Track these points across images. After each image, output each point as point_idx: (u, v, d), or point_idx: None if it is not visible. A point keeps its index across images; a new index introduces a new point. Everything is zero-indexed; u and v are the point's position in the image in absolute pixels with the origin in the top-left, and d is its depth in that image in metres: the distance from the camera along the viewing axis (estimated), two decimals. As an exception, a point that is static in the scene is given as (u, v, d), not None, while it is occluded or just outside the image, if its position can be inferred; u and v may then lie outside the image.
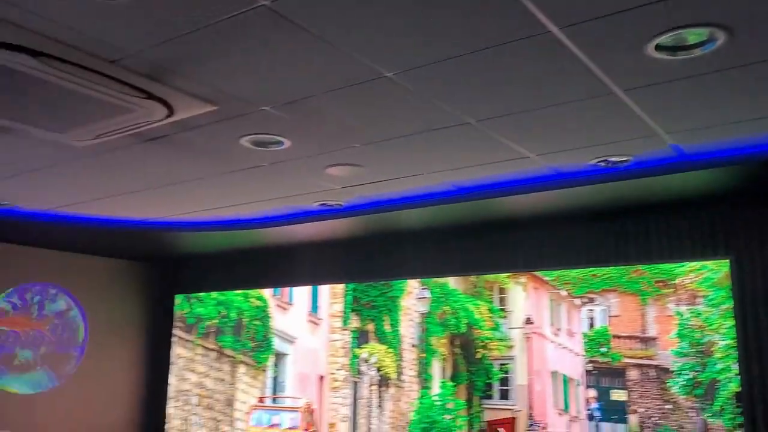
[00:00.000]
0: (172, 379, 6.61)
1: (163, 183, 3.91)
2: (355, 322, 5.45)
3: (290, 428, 5.72)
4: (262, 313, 6.09)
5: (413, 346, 4.97)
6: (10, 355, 5.61)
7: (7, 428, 4.55)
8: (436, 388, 5.41)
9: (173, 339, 6.66)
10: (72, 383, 6.02)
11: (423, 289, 4.96)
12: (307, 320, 5.84)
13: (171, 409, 6.58)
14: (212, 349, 6.33)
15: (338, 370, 5.55)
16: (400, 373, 5.05)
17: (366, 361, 5.44)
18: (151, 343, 6.76)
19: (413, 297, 5.05)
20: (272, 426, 5.81)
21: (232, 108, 2.71)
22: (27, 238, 5.58)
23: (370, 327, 5.18)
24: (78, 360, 6.12)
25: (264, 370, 5.97)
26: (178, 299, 6.73)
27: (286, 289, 6.12)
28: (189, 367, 6.53)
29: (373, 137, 3.09)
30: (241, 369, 6.05)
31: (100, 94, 2.43)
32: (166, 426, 6.52)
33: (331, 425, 5.41)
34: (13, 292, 5.71)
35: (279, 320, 6.04)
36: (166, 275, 6.91)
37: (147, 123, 2.74)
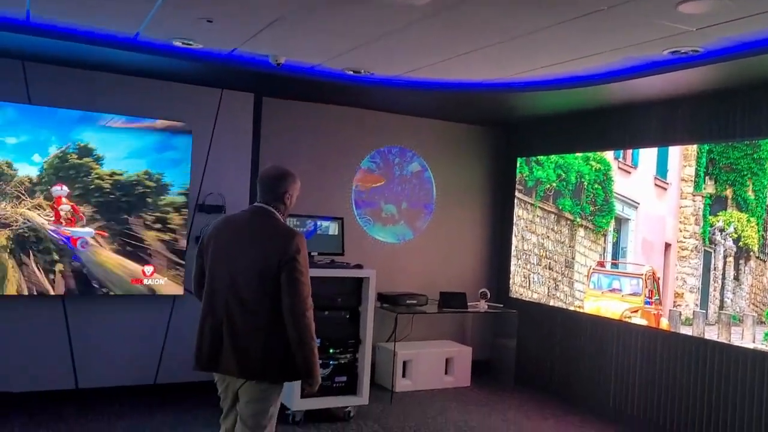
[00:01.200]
0: (513, 239, 6.91)
1: (497, 40, 3.87)
2: (709, 188, 4.85)
3: (631, 294, 5.55)
4: (602, 177, 5.85)
5: (783, 216, 4.27)
6: (378, 209, 6.49)
7: (375, 268, 5.34)
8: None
9: (514, 201, 6.89)
10: (425, 236, 6.75)
11: (801, 150, 4.13)
12: (653, 184, 5.43)
13: (513, 266, 6.94)
14: (551, 212, 6.37)
15: (687, 238, 5.10)
16: (763, 245, 4.41)
17: (721, 230, 4.88)
18: (494, 204, 7.12)
19: (787, 160, 4.26)
20: (612, 290, 5.71)
21: (567, -56, 2.47)
22: (383, 104, 6.20)
23: (728, 193, 4.55)
24: (429, 216, 6.79)
25: (604, 235, 5.82)
26: (519, 162, 6.86)
27: (630, 152, 5.73)
28: (529, 228, 6.71)
29: (743, -42, 2.53)
30: (581, 232, 5.99)
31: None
32: (510, 282, 6.93)
33: (678, 295, 5.09)
34: (376, 154, 6.49)
35: (621, 184, 5.73)
36: (506, 139, 7.07)
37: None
